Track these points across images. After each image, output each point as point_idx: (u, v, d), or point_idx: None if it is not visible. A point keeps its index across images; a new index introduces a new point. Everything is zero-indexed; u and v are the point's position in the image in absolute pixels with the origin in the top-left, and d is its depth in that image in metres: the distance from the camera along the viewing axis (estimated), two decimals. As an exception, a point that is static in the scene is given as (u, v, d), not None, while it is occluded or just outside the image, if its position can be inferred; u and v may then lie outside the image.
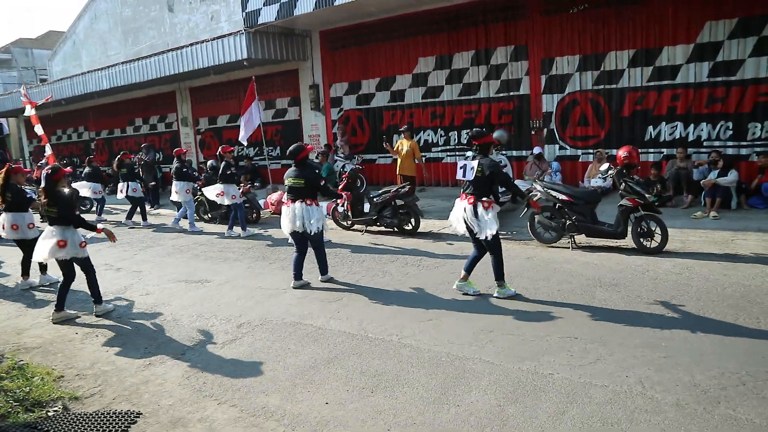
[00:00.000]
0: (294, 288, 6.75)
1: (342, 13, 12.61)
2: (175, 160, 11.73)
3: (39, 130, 15.22)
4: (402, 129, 11.64)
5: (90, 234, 6.77)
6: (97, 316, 6.28)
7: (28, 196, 7.52)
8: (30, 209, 7.60)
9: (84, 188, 13.41)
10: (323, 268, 6.98)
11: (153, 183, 15.08)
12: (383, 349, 4.81)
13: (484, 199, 5.87)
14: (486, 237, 5.80)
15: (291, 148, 6.84)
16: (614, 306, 5.42)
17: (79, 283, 6.40)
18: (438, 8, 12.12)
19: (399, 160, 11.64)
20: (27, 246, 7.37)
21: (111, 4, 19.95)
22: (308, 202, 6.65)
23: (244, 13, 13.31)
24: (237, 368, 4.66)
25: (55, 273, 7.35)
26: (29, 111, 15.14)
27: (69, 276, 6.27)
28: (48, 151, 15.57)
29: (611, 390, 3.78)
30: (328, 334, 5.25)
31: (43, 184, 6.22)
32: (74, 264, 6.28)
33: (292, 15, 12.37)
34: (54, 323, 6.13)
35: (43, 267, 7.84)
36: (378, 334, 5.15)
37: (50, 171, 6.23)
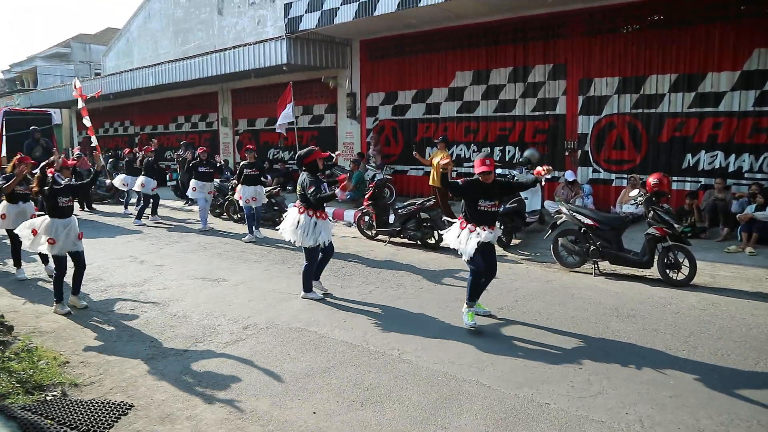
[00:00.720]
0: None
1: (382, 24, 12.68)
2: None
3: (87, 122, 15.82)
4: (437, 141, 11.46)
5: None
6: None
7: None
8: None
9: (118, 182, 13.83)
10: (304, 285, 6.62)
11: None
12: (382, 362, 4.74)
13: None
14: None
15: (301, 150, 6.68)
16: (627, 338, 5.20)
17: (93, 275, 6.55)
18: (478, 23, 12.05)
19: (432, 172, 11.46)
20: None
21: (164, 5, 20.62)
22: (301, 210, 6.45)
23: (286, 19, 13.52)
24: (234, 369, 4.67)
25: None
26: (81, 103, 15.76)
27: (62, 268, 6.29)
28: (94, 142, 16.17)
29: (607, 426, 3.62)
30: (330, 343, 5.22)
31: (38, 173, 6.32)
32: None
33: (332, 23, 12.50)
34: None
35: (45, 258, 7.83)
36: (379, 347, 5.08)
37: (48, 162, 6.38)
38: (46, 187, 6.20)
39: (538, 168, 5.62)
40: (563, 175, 10.98)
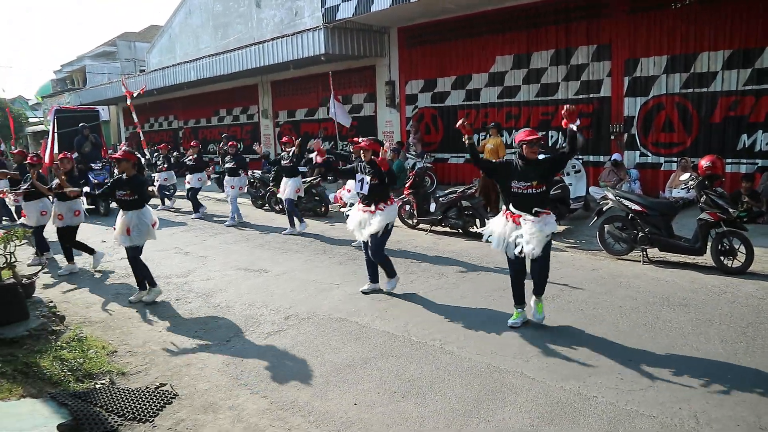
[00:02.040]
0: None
1: (419, 10, 12.51)
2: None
3: (135, 117, 16.25)
4: (489, 126, 11.11)
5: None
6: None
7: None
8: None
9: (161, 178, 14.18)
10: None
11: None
12: (423, 353, 4.68)
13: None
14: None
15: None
16: (680, 329, 4.98)
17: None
18: (517, 6, 11.74)
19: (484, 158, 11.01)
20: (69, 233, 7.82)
21: (204, 0, 20.91)
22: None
23: (323, 9, 13.51)
24: (276, 360, 4.69)
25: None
26: (128, 100, 16.18)
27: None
28: (141, 136, 16.60)
29: (659, 422, 3.45)
30: (372, 333, 5.18)
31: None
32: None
33: (369, 11, 12.41)
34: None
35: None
36: (421, 337, 5.02)
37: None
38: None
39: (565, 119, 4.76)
40: (608, 159, 10.63)
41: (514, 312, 5.24)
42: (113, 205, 7.37)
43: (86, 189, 7.89)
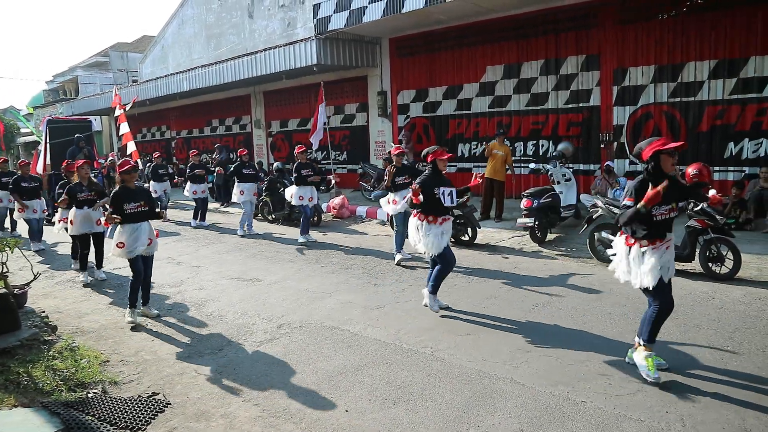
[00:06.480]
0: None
1: (410, 21, 12.64)
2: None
3: (124, 128, 16.25)
4: (498, 133, 11.00)
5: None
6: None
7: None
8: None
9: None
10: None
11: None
12: (414, 360, 4.71)
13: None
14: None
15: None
16: (668, 334, 5.03)
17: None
18: (507, 17, 11.89)
19: (489, 165, 10.66)
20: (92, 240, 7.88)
21: (197, 11, 21.01)
22: (413, 213, 6.09)
23: (315, 20, 13.61)
24: (268, 368, 4.71)
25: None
26: (118, 111, 16.22)
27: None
28: (131, 148, 16.60)
29: (647, 426, 3.50)
30: (363, 341, 5.22)
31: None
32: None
33: (360, 22, 12.53)
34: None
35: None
36: (412, 345, 5.05)
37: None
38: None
39: (713, 193, 4.42)
40: (597, 168, 10.75)
41: (649, 360, 4.12)
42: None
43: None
